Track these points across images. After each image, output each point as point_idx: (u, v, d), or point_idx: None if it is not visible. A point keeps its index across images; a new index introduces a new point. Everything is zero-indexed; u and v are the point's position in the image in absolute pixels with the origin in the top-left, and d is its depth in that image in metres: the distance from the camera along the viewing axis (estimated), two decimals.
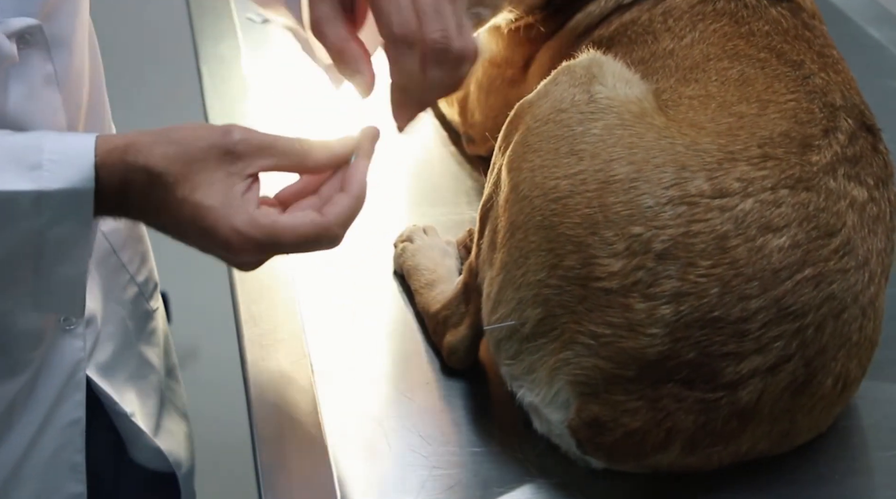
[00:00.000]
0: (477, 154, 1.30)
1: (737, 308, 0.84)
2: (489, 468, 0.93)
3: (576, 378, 0.87)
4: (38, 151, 0.80)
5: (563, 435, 0.90)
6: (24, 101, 0.89)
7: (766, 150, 0.88)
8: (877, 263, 0.90)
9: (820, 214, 0.87)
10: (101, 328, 1.09)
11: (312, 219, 0.81)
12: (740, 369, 0.84)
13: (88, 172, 0.79)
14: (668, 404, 0.85)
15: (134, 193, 0.80)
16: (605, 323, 0.85)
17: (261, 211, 0.81)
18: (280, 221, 0.81)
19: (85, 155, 0.80)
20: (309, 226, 0.81)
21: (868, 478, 0.94)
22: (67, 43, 0.93)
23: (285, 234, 0.80)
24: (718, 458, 0.89)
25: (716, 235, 0.84)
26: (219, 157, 0.80)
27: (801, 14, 1.00)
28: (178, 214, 0.79)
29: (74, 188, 0.79)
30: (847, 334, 0.88)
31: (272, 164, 0.82)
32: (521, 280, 0.89)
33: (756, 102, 0.91)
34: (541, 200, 0.89)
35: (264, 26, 1.57)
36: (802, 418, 0.89)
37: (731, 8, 0.99)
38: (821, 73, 0.95)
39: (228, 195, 0.79)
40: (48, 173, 0.79)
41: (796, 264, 0.85)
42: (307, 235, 0.81)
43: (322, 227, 0.81)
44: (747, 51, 0.95)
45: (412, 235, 1.13)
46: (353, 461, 0.94)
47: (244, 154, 0.81)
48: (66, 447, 1.06)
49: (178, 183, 0.79)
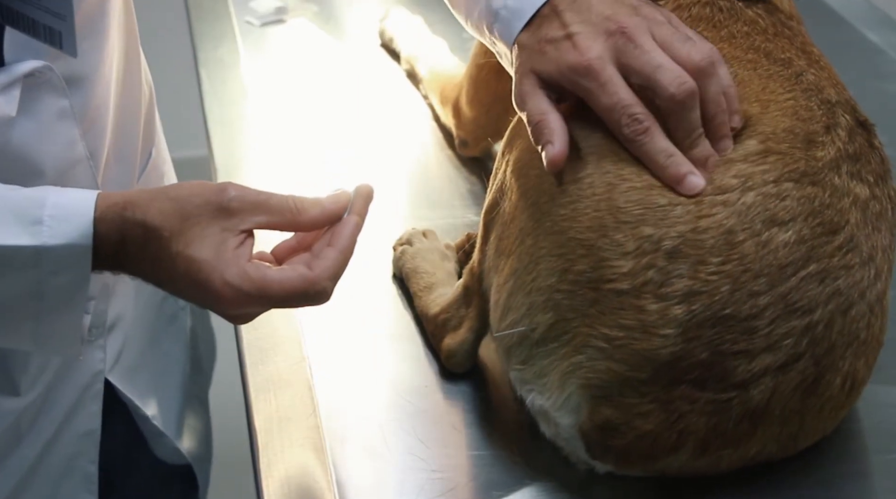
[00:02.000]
0: (471, 156, 1.30)
1: (746, 305, 0.84)
2: (488, 472, 0.93)
3: (588, 381, 0.87)
4: (39, 206, 0.82)
5: (572, 439, 0.90)
6: (32, 135, 0.90)
7: (768, 145, 0.88)
8: (882, 260, 0.90)
9: (825, 211, 0.87)
10: (129, 332, 1.09)
11: (301, 273, 0.82)
12: (752, 368, 0.84)
13: (87, 228, 0.81)
14: (681, 406, 0.85)
15: (131, 247, 0.82)
16: (618, 326, 0.85)
17: (252, 265, 0.82)
18: (269, 274, 0.82)
19: (85, 212, 0.82)
20: (297, 280, 0.82)
21: (868, 481, 0.94)
22: (88, 77, 0.94)
23: (273, 287, 0.81)
24: (728, 461, 0.89)
25: (723, 229, 0.84)
26: (213, 213, 0.82)
27: (777, 13, 1.00)
28: (172, 268, 0.81)
29: (73, 244, 0.81)
30: (855, 332, 0.88)
31: (265, 221, 0.84)
32: (532, 285, 0.89)
33: (756, 102, 0.91)
34: (549, 205, 0.89)
35: (263, 30, 1.57)
36: (811, 419, 0.89)
37: (706, 13, 0.99)
38: (810, 69, 0.95)
39: (221, 249, 0.81)
40: (48, 229, 0.81)
41: (801, 260, 0.85)
42: (295, 289, 0.82)
43: (310, 281, 0.82)
44: (734, 53, 0.95)
45: (411, 239, 1.13)
46: (352, 465, 0.94)
47: (238, 211, 0.82)
48: (79, 457, 1.06)
49: (173, 237, 0.81)
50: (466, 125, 1.27)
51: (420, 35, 1.46)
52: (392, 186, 1.28)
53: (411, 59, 1.44)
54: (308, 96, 1.43)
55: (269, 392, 1.00)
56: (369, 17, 1.57)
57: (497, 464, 0.94)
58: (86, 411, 1.05)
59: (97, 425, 1.06)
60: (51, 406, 1.03)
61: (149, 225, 0.81)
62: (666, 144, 0.87)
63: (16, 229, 0.81)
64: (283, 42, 1.55)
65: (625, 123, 0.87)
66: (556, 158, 0.88)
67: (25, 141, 0.89)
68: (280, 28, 1.58)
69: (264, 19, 1.58)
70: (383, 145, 1.35)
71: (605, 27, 0.88)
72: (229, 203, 0.82)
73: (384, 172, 1.30)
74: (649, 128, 0.86)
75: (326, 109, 1.41)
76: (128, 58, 1.04)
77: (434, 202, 1.24)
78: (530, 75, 0.90)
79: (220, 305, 0.82)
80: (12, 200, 0.83)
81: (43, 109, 0.90)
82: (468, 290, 1.00)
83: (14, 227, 0.81)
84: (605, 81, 0.87)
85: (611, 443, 0.88)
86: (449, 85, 1.32)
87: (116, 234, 0.82)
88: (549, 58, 0.89)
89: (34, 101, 0.89)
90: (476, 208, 1.22)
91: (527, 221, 0.91)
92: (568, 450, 0.92)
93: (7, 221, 0.82)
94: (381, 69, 1.48)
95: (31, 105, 0.89)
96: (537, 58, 0.90)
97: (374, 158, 1.33)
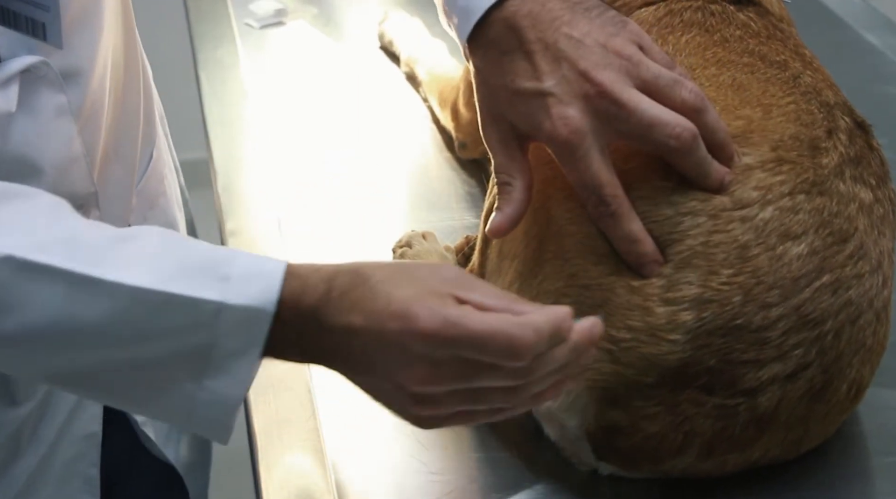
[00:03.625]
0: (470, 158, 1.30)
1: (758, 316, 0.83)
2: (487, 474, 0.93)
3: (595, 384, 0.86)
4: (229, 265, 0.78)
5: (578, 440, 0.90)
6: (31, 133, 0.89)
7: (779, 153, 0.87)
8: (888, 266, 0.90)
9: (834, 220, 0.86)
10: None
11: (506, 317, 0.74)
12: (760, 376, 0.84)
13: (272, 293, 0.77)
14: (687, 409, 0.85)
15: (335, 294, 0.76)
16: (626, 327, 0.85)
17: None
18: (470, 311, 0.74)
19: (273, 275, 0.77)
20: (502, 319, 0.73)
21: (869, 484, 0.93)
22: (84, 72, 0.93)
23: (474, 318, 0.73)
24: (732, 464, 0.88)
25: (738, 244, 0.84)
26: (432, 271, 0.77)
27: (767, 16, 1.00)
28: (372, 301, 0.75)
29: (255, 307, 0.77)
30: (862, 340, 0.87)
31: (480, 298, 0.75)
32: (538, 289, 0.89)
33: (759, 106, 0.91)
34: (555, 209, 0.89)
35: (263, 32, 1.57)
36: (815, 424, 0.89)
37: (698, 18, 0.98)
38: (806, 71, 0.95)
39: (430, 292, 0.75)
40: (235, 287, 0.77)
41: (814, 272, 0.85)
42: (499, 327, 0.72)
43: (515, 322, 0.73)
44: (729, 57, 0.95)
45: (411, 241, 1.13)
46: (352, 467, 0.94)
47: (456, 278, 0.76)
48: (80, 460, 1.06)
49: (384, 280, 0.76)
50: (465, 127, 1.27)
51: (419, 37, 1.46)
52: (391, 188, 1.28)
53: (411, 62, 1.44)
54: (307, 99, 1.43)
55: (268, 395, 0.99)
56: (369, 19, 1.57)
57: (497, 466, 0.93)
58: (87, 414, 1.05)
59: (98, 427, 1.06)
60: (51, 411, 1.03)
61: (360, 272, 0.76)
62: (631, 227, 0.84)
63: (203, 283, 0.77)
64: (282, 44, 1.55)
65: (592, 203, 0.85)
66: (499, 229, 0.87)
67: (24, 138, 0.89)
68: (279, 30, 1.58)
69: (264, 21, 1.58)
70: (383, 147, 1.35)
71: (582, 90, 0.84)
72: (446, 271, 0.77)
73: (383, 174, 1.30)
74: (615, 211, 0.84)
75: (326, 112, 1.41)
76: (126, 54, 1.03)
77: (433, 204, 1.24)
78: (501, 122, 0.88)
79: (411, 336, 0.73)
80: (202, 255, 0.79)
81: (41, 106, 0.89)
82: None
83: (201, 280, 0.77)
84: (580, 157, 0.84)
85: (617, 444, 0.87)
86: (447, 87, 1.32)
87: (322, 284, 0.76)
88: (520, 111, 0.86)
89: (32, 98, 0.89)
90: (475, 211, 1.22)
91: (531, 225, 0.90)
92: (573, 452, 0.92)
93: (195, 274, 0.77)
94: (380, 71, 1.48)
95: (30, 101, 0.88)
96: (506, 105, 0.87)
97: (373, 161, 1.32)
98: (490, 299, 0.75)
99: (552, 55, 0.85)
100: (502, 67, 0.87)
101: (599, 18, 0.87)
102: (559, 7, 0.86)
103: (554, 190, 0.89)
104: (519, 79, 0.86)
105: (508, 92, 0.87)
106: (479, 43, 0.89)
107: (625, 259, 0.85)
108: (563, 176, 0.88)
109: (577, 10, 0.86)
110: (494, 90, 0.88)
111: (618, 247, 0.85)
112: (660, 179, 0.86)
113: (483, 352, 0.73)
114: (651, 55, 0.87)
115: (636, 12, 1.01)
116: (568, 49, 0.85)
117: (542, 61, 0.85)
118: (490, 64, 0.88)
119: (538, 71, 0.85)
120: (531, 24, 0.86)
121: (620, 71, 0.84)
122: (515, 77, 0.86)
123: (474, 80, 0.90)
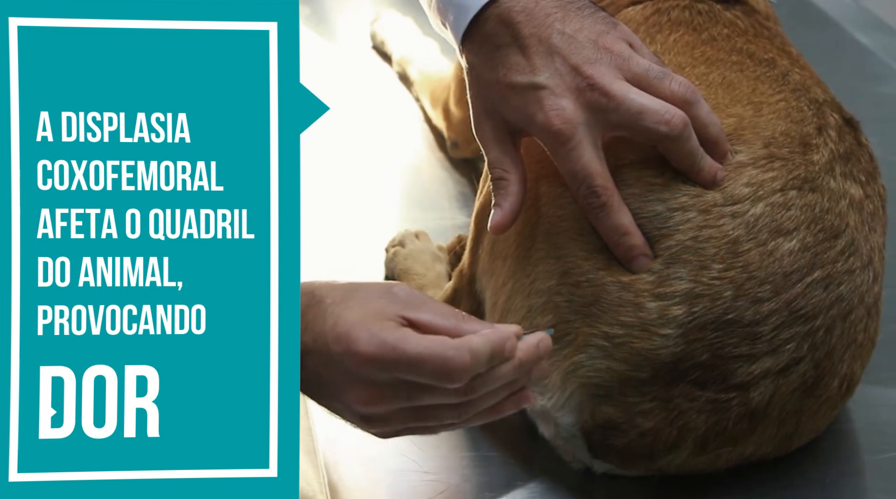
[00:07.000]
0: (462, 157, 1.30)
1: (750, 311, 0.84)
2: (480, 473, 0.93)
3: (589, 381, 0.87)
4: None
5: (573, 438, 0.90)
6: None
7: (771, 150, 0.88)
8: (879, 261, 0.90)
9: (825, 216, 0.87)
10: None
11: (442, 339, 0.76)
12: (752, 370, 0.85)
13: None
14: (681, 403, 0.85)
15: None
16: (618, 323, 0.85)
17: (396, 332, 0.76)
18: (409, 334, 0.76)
19: None
20: (437, 342, 0.75)
21: (860, 481, 0.94)
22: None
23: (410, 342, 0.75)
24: (726, 459, 0.89)
25: (728, 240, 0.84)
26: (380, 293, 0.78)
27: (754, 15, 1.01)
28: (322, 324, 0.76)
29: None
30: (853, 335, 0.88)
31: (428, 319, 0.77)
32: (531, 288, 0.89)
33: (749, 104, 0.91)
34: (547, 208, 0.89)
35: None
36: (807, 419, 0.89)
37: (685, 17, 0.99)
38: (794, 69, 0.95)
39: (374, 318, 0.76)
40: None
41: (806, 267, 0.85)
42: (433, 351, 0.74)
43: (450, 345, 0.75)
44: (718, 55, 0.95)
45: (403, 240, 1.13)
46: (344, 467, 0.94)
47: (404, 299, 0.78)
48: None
49: (335, 303, 0.77)
50: (456, 126, 1.27)
51: (411, 37, 1.46)
52: (383, 188, 1.28)
53: (403, 62, 1.44)
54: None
55: None
56: (361, 19, 1.57)
57: (490, 465, 0.94)
58: None
59: None
60: None
61: (315, 293, 0.77)
62: (621, 219, 0.85)
63: None
64: None
65: (583, 194, 0.85)
66: (500, 225, 0.87)
67: None
68: None
69: None
70: (375, 147, 1.35)
71: (574, 83, 0.85)
72: (398, 291, 0.78)
73: (376, 173, 1.30)
74: (606, 203, 0.85)
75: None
76: None
77: (425, 204, 1.24)
78: (495, 117, 0.89)
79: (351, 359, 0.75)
80: None
81: None
82: (458, 292, 1.00)
83: None
84: (572, 148, 0.85)
85: (612, 441, 0.88)
86: (439, 86, 1.32)
87: None
88: (513, 106, 0.87)
89: None
90: (467, 210, 1.22)
91: (523, 224, 0.90)
92: (567, 450, 0.92)
93: None
94: (372, 71, 1.48)
95: None
96: (499, 100, 0.88)
97: (365, 160, 1.32)
98: (438, 319, 0.77)
99: (546, 50, 0.86)
100: (496, 62, 0.88)
101: (591, 17, 0.88)
102: (552, 5, 0.87)
103: (544, 188, 0.90)
104: (513, 73, 0.87)
105: (502, 86, 0.87)
106: (474, 38, 0.89)
107: (614, 252, 0.86)
108: (553, 174, 0.88)
109: (569, 8, 0.88)
110: (488, 85, 0.89)
111: (607, 239, 0.86)
112: (651, 176, 0.87)
113: (420, 374, 0.75)
114: (641, 54, 0.88)
115: (623, 11, 1.02)
116: (561, 44, 0.86)
117: (536, 56, 0.86)
118: (484, 59, 0.89)
119: (532, 65, 0.86)
120: (526, 20, 0.87)
121: (611, 65, 0.86)
122: (509, 71, 0.87)
123: (467, 76, 0.91)
